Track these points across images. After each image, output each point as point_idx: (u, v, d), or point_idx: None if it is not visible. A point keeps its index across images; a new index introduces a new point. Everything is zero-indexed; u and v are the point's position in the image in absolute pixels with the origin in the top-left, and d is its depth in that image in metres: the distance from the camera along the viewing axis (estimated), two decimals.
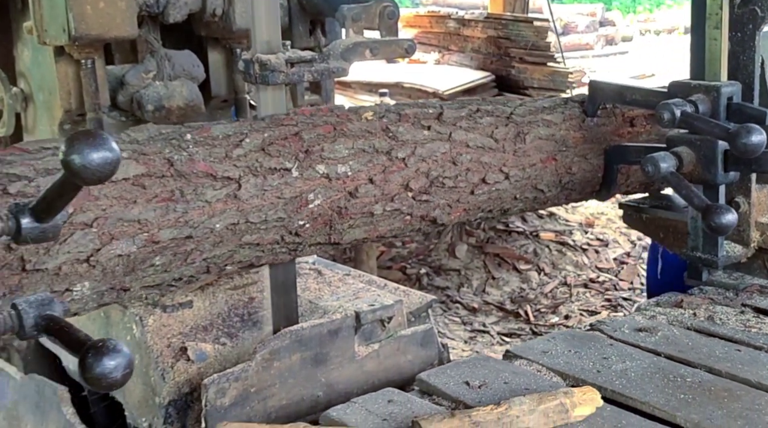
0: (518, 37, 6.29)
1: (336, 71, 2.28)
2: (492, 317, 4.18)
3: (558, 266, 4.53)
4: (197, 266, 2.02)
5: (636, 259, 4.53)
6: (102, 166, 1.19)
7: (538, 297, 4.22)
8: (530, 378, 2.05)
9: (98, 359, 1.21)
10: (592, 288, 4.29)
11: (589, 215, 5.23)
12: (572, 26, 13.56)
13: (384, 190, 2.26)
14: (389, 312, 2.13)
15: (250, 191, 2.02)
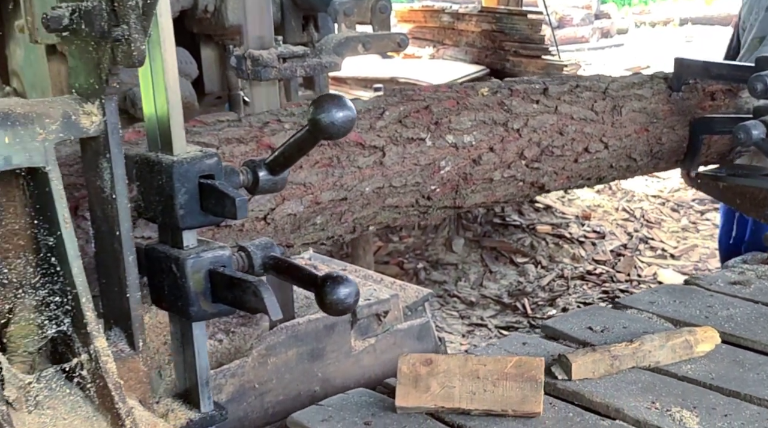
0: (512, 30, 6.12)
1: (328, 66, 2.27)
2: (489, 310, 4.10)
3: (555, 259, 4.44)
4: (347, 226, 2.22)
5: (632, 251, 4.48)
6: (344, 123, 1.39)
7: (536, 290, 4.16)
8: (645, 323, 2.23)
9: (334, 288, 1.41)
10: (589, 280, 4.20)
11: (585, 208, 5.17)
12: (567, 19, 13.45)
13: (502, 158, 2.45)
14: (385, 306, 2.06)
15: (393, 159, 2.22)
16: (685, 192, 5.47)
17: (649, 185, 5.70)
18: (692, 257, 4.43)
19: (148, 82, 1.43)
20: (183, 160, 1.41)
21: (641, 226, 4.93)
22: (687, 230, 4.87)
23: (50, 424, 1.27)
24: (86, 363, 1.31)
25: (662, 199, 5.41)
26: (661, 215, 5.13)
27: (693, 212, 5.16)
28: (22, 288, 1.33)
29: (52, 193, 1.31)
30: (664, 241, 4.68)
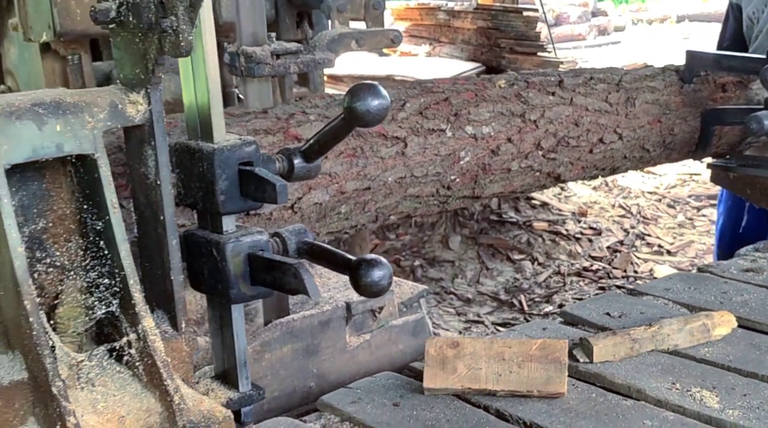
0: (508, 27, 6.13)
1: (322, 62, 2.26)
2: (486, 307, 4.10)
3: (551, 256, 4.46)
4: (370, 215, 2.27)
5: (629, 247, 4.50)
6: (380, 111, 1.43)
7: (532, 287, 4.17)
8: (661, 309, 2.28)
9: (369, 271, 1.45)
10: (585, 277, 4.21)
11: (581, 205, 5.17)
12: (564, 17, 13.41)
13: (520, 148, 2.50)
14: (380, 302, 2.06)
15: (414, 149, 2.26)
16: (682, 188, 5.48)
17: (645, 181, 5.69)
18: (688, 253, 4.44)
19: (188, 72, 1.48)
20: (224, 147, 1.46)
21: (638, 222, 4.93)
22: (683, 226, 4.87)
23: (101, 400, 1.32)
24: (134, 342, 1.36)
25: (659, 195, 5.41)
26: (658, 211, 5.13)
27: (689, 208, 5.16)
28: (73, 271, 1.38)
29: (101, 179, 1.36)
30: (660, 237, 4.68)
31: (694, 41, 12.50)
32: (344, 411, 1.81)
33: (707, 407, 1.76)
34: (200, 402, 1.36)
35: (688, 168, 5.79)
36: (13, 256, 1.26)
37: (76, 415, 1.24)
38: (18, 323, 1.28)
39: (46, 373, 1.25)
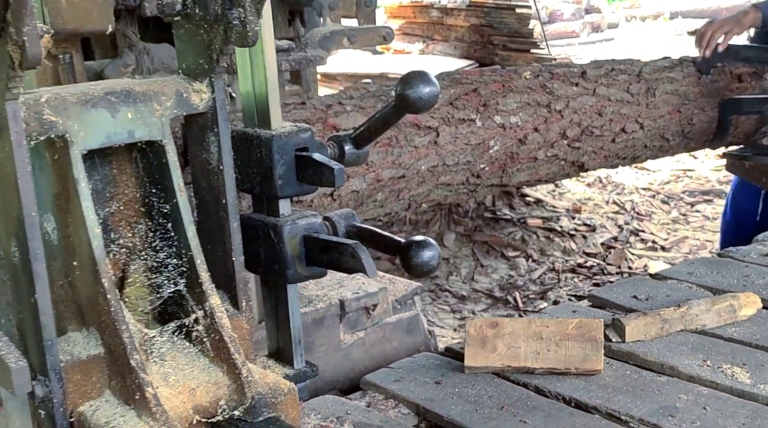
0: (501, 24, 6.12)
1: (314, 60, 2.25)
2: (481, 304, 4.08)
3: (546, 253, 4.43)
4: (403, 203, 2.33)
5: (623, 243, 4.48)
6: (431, 98, 1.49)
7: (527, 284, 4.15)
8: (686, 292, 2.35)
9: (419, 252, 1.51)
10: (580, 273, 4.17)
11: (575, 201, 5.14)
12: (558, 14, 13.36)
13: (546, 138, 2.56)
14: (373, 300, 2.05)
15: (446, 139, 2.33)
16: (675, 184, 5.47)
17: (639, 177, 5.67)
18: (683, 248, 4.40)
19: (246, 61, 1.54)
20: (281, 134, 1.52)
21: (632, 218, 4.89)
22: (677, 222, 4.83)
23: (172, 374, 1.38)
24: (201, 320, 1.42)
25: (652, 191, 5.37)
26: (652, 207, 5.09)
27: (683, 204, 5.13)
28: (144, 251, 1.44)
29: (168, 164, 1.41)
30: (654, 233, 4.64)
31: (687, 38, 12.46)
32: (388, 389, 1.87)
33: (739, 382, 1.83)
34: (265, 375, 1.43)
35: (682, 164, 5.81)
36: (91, 236, 1.32)
37: (153, 386, 1.30)
38: (95, 300, 1.34)
39: (124, 347, 1.31)
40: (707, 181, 5.44)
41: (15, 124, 1.23)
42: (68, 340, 1.39)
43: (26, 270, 1.28)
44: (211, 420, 1.37)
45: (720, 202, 4.95)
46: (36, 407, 1.32)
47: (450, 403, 1.78)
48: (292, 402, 1.41)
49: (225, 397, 1.38)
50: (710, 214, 4.89)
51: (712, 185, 5.33)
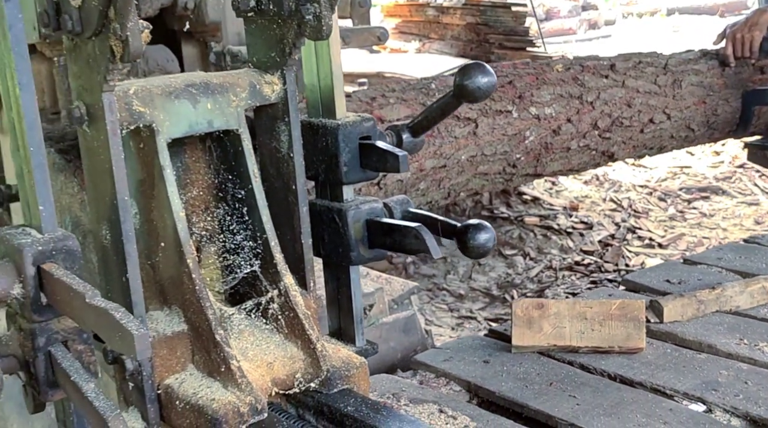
0: (496, 23, 6.09)
1: None
2: (479, 303, 4.04)
3: (543, 251, 4.39)
4: (443, 191, 2.41)
5: (620, 241, 4.47)
6: (489, 87, 1.57)
7: (524, 282, 4.12)
8: (716, 276, 2.42)
9: (476, 234, 1.59)
10: (577, 271, 4.13)
11: (572, 199, 5.13)
12: (555, 12, 13.30)
13: (578, 128, 2.63)
14: (370, 300, 2.04)
15: (484, 129, 2.40)
16: (672, 181, 5.42)
17: (636, 175, 5.66)
18: (680, 245, 4.38)
19: (311, 53, 1.62)
20: (347, 123, 1.60)
21: (629, 216, 4.89)
22: (674, 219, 4.81)
23: (251, 349, 1.46)
24: (276, 298, 1.50)
25: (649, 188, 5.35)
26: (649, 204, 5.08)
27: (680, 202, 5.11)
28: (222, 234, 1.52)
29: (244, 152, 1.49)
30: (651, 230, 4.64)
31: (684, 34, 12.42)
32: (438, 368, 1.95)
33: None
34: (338, 350, 1.50)
35: (679, 161, 5.81)
36: (176, 219, 1.40)
37: (237, 359, 1.38)
38: (179, 280, 1.42)
39: (208, 323, 1.39)
40: (704, 178, 5.43)
41: (110, 114, 1.30)
42: (151, 318, 1.46)
43: (118, 251, 1.36)
44: (288, 391, 1.45)
45: (717, 199, 5.00)
46: (125, 380, 1.40)
47: (500, 380, 1.86)
48: (363, 375, 1.48)
49: (301, 371, 1.45)
50: (707, 211, 4.89)
51: (708, 182, 5.32)
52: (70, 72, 1.36)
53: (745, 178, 5.41)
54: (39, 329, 1.26)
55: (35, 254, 1.24)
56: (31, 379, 1.31)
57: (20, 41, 1.23)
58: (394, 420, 1.31)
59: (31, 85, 1.26)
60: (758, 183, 5.29)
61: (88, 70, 1.30)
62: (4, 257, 1.28)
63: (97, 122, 1.32)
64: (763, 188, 5.21)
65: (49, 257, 1.25)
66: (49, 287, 1.24)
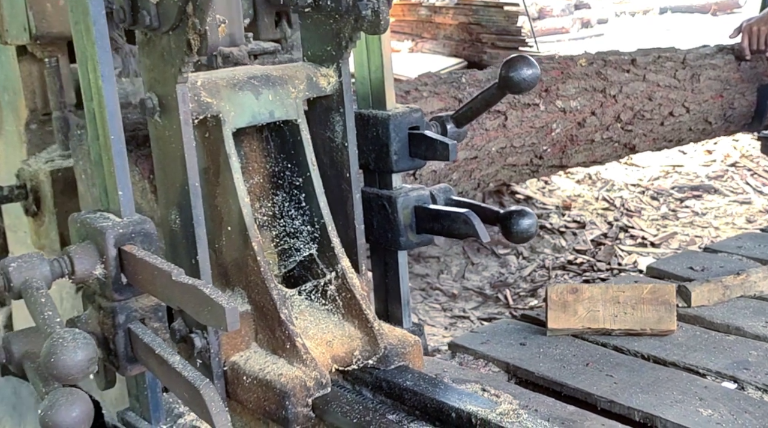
0: (489, 22, 6.07)
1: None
2: (472, 302, 4.00)
3: (536, 250, 4.32)
4: (473, 182, 2.47)
5: (613, 240, 4.44)
6: (533, 79, 1.63)
7: (517, 281, 4.08)
8: (737, 263, 2.49)
9: (518, 220, 1.66)
10: (570, 270, 4.09)
11: (565, 198, 5.10)
12: (547, 11, 13.23)
13: (602, 121, 2.70)
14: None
15: (513, 122, 2.47)
16: (665, 180, 5.35)
17: (628, 173, 5.59)
18: (672, 244, 4.34)
19: (362, 47, 1.68)
20: (397, 114, 1.66)
21: (621, 215, 4.83)
22: (667, 218, 4.75)
23: (311, 327, 1.53)
24: (333, 280, 1.57)
25: (642, 187, 5.28)
26: (641, 203, 5.01)
27: (672, 200, 5.04)
28: (282, 219, 1.59)
29: (302, 141, 1.56)
30: (644, 229, 4.59)
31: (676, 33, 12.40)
32: (476, 350, 2.02)
33: None
34: (392, 329, 1.57)
35: (671, 160, 5.81)
36: (241, 205, 1.47)
37: (302, 337, 1.45)
38: (243, 263, 1.49)
39: (273, 303, 1.45)
40: (696, 176, 5.39)
41: (183, 104, 1.37)
42: None
43: (187, 235, 1.43)
44: (346, 368, 1.51)
45: (709, 198, 5.01)
46: (192, 357, 1.47)
47: (538, 361, 1.92)
48: (417, 352, 1.55)
49: (359, 348, 1.52)
50: (699, 210, 4.83)
51: (701, 180, 5.27)
52: (142, 65, 1.42)
53: (737, 177, 5.41)
54: (119, 307, 1.33)
55: (117, 236, 1.31)
56: (109, 355, 1.38)
57: (103, 35, 1.30)
58: (453, 393, 1.38)
59: (113, 77, 1.32)
60: (750, 182, 5.30)
61: (162, 63, 1.37)
62: (84, 239, 1.35)
63: (169, 113, 1.39)
64: (755, 187, 5.21)
65: (128, 239, 1.32)
66: (130, 267, 1.31)
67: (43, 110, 2.16)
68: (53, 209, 2.02)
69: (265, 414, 1.42)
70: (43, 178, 2.02)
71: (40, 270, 1.27)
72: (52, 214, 2.04)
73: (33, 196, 2.06)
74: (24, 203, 2.08)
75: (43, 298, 1.22)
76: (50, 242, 2.07)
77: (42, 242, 2.11)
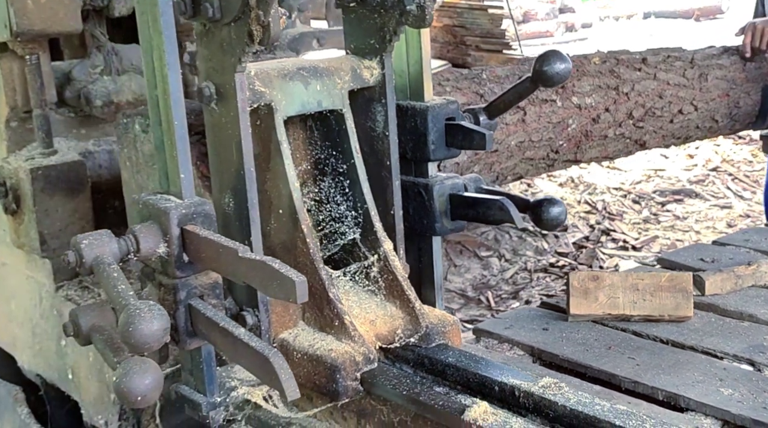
0: (473, 25, 6.06)
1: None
2: (454, 304, 4.03)
3: (518, 252, 4.41)
4: (493, 175, 2.54)
5: (594, 243, 4.47)
6: (566, 73, 1.71)
7: (499, 283, 4.12)
8: (745, 255, 2.56)
9: (549, 208, 1.73)
10: (551, 273, 4.15)
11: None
12: (532, 14, 13.26)
13: (615, 118, 2.77)
14: None
15: (532, 117, 2.54)
16: (646, 184, 5.42)
17: (610, 177, 5.65)
18: (653, 248, 4.39)
19: (402, 41, 1.75)
20: (435, 105, 1.73)
21: (603, 218, 4.88)
22: (648, 221, 4.81)
23: (355, 307, 1.59)
24: (376, 263, 1.63)
25: (624, 191, 5.35)
26: (623, 207, 5.08)
27: (654, 204, 5.10)
28: (328, 204, 1.66)
29: (347, 130, 1.63)
30: (625, 233, 4.64)
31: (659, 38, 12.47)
32: (502, 335, 2.09)
33: None
34: (432, 310, 1.64)
35: (653, 164, 5.81)
36: (292, 189, 1.53)
37: (350, 315, 1.52)
38: (293, 244, 1.55)
39: (322, 283, 1.52)
40: (678, 180, 5.37)
41: (241, 92, 1.44)
42: None
43: (241, 217, 1.50)
44: (389, 346, 1.58)
45: (690, 202, 5.05)
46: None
47: (561, 345, 1.99)
48: (456, 332, 1.62)
49: (400, 327, 1.59)
50: (680, 213, 4.88)
51: (682, 184, 5.29)
52: (199, 55, 1.48)
53: (718, 181, 5.46)
54: (180, 284, 1.40)
55: (180, 216, 1.37)
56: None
57: (170, 26, 1.36)
58: (495, 368, 1.45)
59: (177, 66, 1.39)
60: (731, 186, 5.33)
61: (221, 53, 1.43)
62: (147, 220, 1.41)
63: (226, 100, 1.45)
64: (735, 192, 5.25)
65: (190, 219, 1.39)
66: (192, 246, 1.37)
67: (24, 108, 2.14)
68: (33, 208, 2.02)
69: (314, 388, 1.49)
70: (22, 176, 2.01)
71: (110, 247, 1.33)
72: (31, 212, 2.04)
73: (12, 194, 2.06)
74: (3, 201, 2.08)
75: (115, 273, 1.28)
76: (30, 241, 2.08)
77: (21, 240, 2.11)
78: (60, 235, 2.05)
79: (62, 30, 2.06)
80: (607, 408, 1.27)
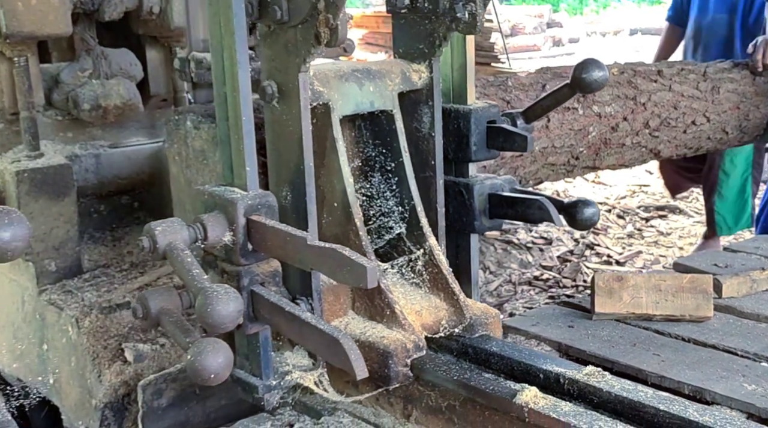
0: None
1: None
2: None
3: (503, 265, 4.37)
4: (516, 179, 2.62)
5: (579, 257, 4.47)
6: (603, 80, 1.77)
7: (483, 295, 4.03)
8: (756, 261, 2.64)
9: (583, 208, 1.80)
10: (536, 286, 4.12)
11: None
12: (520, 28, 13.26)
13: (632, 126, 2.85)
14: None
15: (555, 124, 2.61)
16: (631, 199, 5.44)
17: (596, 192, 5.66)
18: (636, 263, 4.38)
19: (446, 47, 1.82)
20: (477, 109, 1.80)
21: (587, 232, 4.85)
22: (632, 236, 4.82)
23: (401, 298, 1.65)
24: (421, 257, 1.70)
25: (608, 206, 5.35)
26: (607, 221, 5.07)
27: (638, 219, 5.12)
28: (378, 199, 1.72)
29: (396, 130, 1.70)
30: (609, 247, 4.64)
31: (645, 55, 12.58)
32: (528, 331, 2.16)
33: None
34: (475, 303, 1.71)
35: (638, 179, 5.76)
36: (346, 184, 1.59)
37: (399, 304, 1.59)
38: (345, 237, 1.61)
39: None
40: (662, 196, 5.39)
41: (304, 91, 1.50)
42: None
43: (298, 210, 1.56)
44: (434, 336, 1.65)
45: (674, 217, 5.09)
46: None
47: (587, 341, 2.07)
48: (497, 324, 1.68)
49: (445, 318, 1.65)
50: (664, 229, 4.90)
51: (666, 200, 5.30)
52: (262, 55, 1.55)
53: (701, 198, 5.52)
54: (244, 271, 1.46)
55: (246, 207, 1.44)
56: None
57: (242, 27, 1.42)
58: (539, 357, 1.51)
59: (247, 65, 1.45)
60: None
61: (285, 54, 1.49)
62: (213, 210, 1.48)
63: (289, 99, 1.51)
64: None
65: (255, 210, 1.45)
66: (257, 235, 1.44)
67: (11, 110, 2.13)
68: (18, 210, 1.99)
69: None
70: (8, 178, 1.97)
71: (181, 235, 1.40)
72: None
73: None
74: None
75: (189, 258, 1.34)
76: None
77: None
78: (44, 238, 1.99)
79: (52, 33, 2.04)
80: (650, 394, 1.34)
